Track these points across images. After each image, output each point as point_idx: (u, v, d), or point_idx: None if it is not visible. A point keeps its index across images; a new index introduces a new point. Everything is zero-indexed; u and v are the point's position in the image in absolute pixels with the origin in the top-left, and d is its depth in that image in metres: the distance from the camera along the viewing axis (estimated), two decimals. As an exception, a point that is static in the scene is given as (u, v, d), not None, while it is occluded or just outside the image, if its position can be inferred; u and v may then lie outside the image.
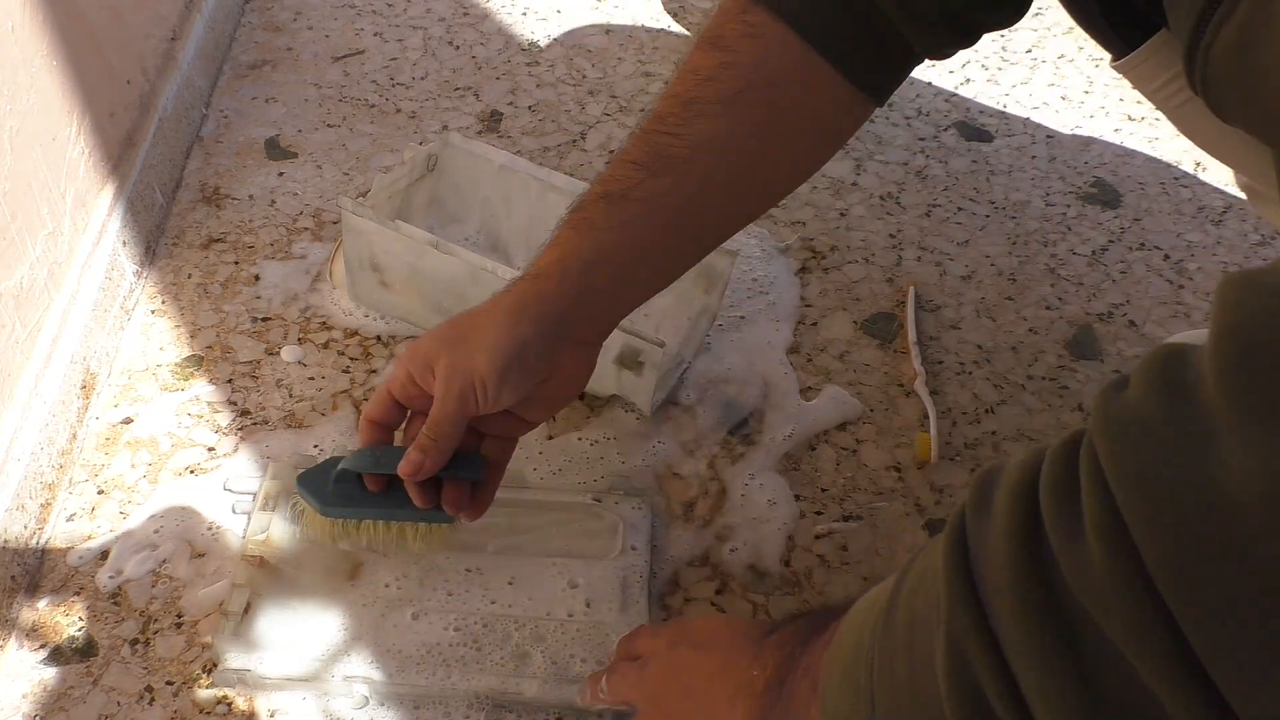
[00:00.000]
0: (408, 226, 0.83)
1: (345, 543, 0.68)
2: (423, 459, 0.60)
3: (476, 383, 0.59)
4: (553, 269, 0.60)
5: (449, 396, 0.59)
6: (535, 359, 0.60)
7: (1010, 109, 1.17)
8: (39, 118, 0.80)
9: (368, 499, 0.65)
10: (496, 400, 0.60)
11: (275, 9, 1.30)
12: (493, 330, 0.59)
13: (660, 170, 0.60)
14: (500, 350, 0.58)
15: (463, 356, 0.59)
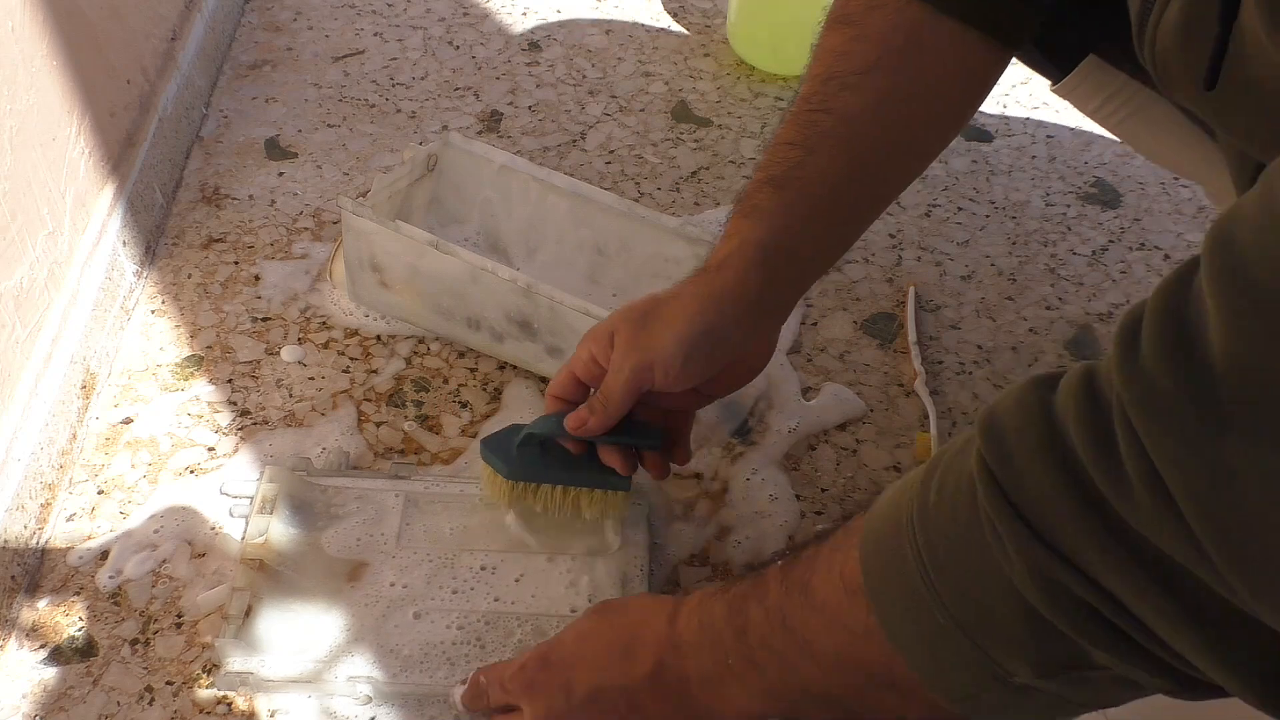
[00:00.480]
0: (408, 227, 0.83)
1: (519, 506, 0.72)
2: (589, 417, 0.64)
3: (658, 362, 0.62)
4: (734, 259, 0.63)
5: (624, 368, 0.62)
6: (721, 346, 0.63)
7: (1010, 109, 1.17)
8: (39, 118, 0.80)
9: (550, 465, 0.69)
10: (678, 381, 0.63)
11: (275, 9, 1.30)
12: (682, 316, 0.62)
13: (815, 147, 0.63)
14: (687, 336, 0.61)
15: (646, 335, 0.62)
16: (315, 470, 0.78)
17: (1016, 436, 0.37)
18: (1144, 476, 0.33)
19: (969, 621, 0.40)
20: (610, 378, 0.64)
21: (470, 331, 0.88)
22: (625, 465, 0.67)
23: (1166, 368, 0.33)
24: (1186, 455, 0.32)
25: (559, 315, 0.81)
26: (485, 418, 0.84)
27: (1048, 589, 0.36)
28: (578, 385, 0.67)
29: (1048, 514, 0.36)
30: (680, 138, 1.13)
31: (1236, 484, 0.31)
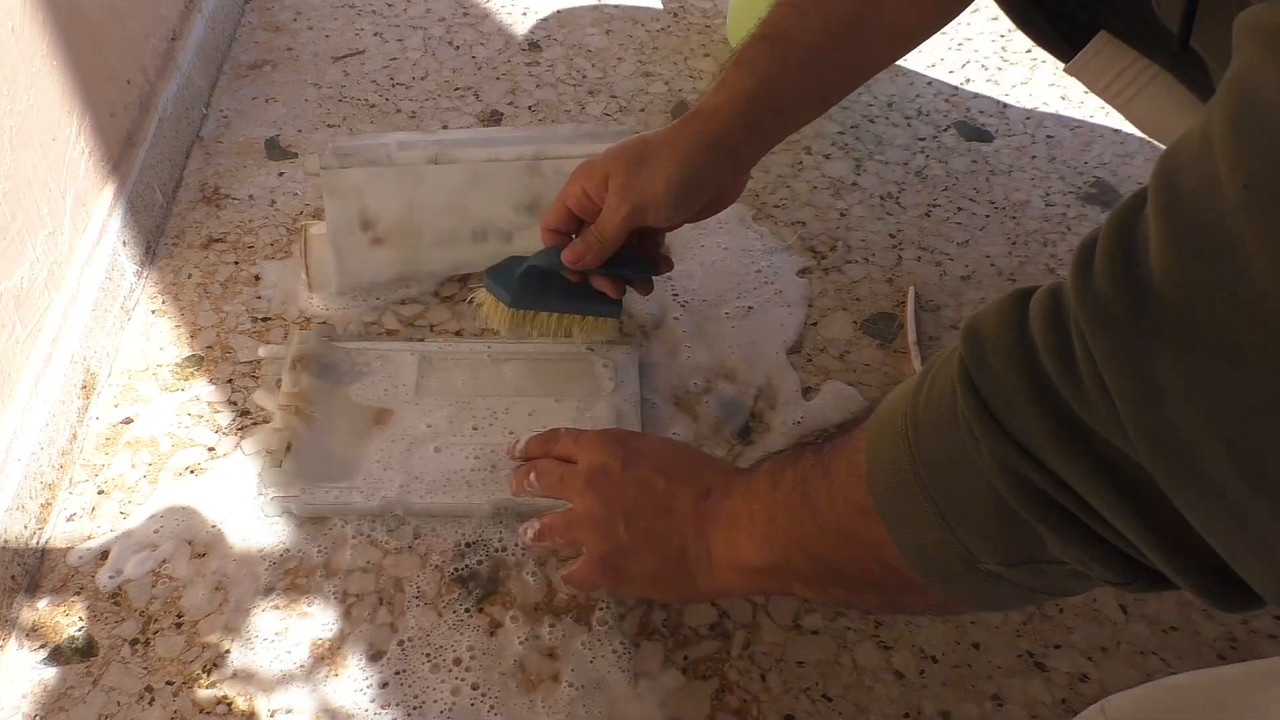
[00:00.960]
0: (400, 155, 0.86)
1: (518, 331, 0.80)
2: (585, 252, 0.71)
3: (651, 202, 0.68)
4: (723, 108, 0.68)
5: (620, 208, 0.68)
6: (705, 187, 0.69)
7: (1010, 109, 1.17)
8: (39, 118, 0.80)
9: (548, 294, 0.76)
10: (668, 220, 0.70)
11: (275, 9, 1.30)
12: (673, 159, 0.67)
13: (810, 9, 0.68)
14: (678, 177, 0.67)
15: (640, 178, 0.68)
16: (338, 335, 0.87)
17: (992, 344, 0.41)
18: (1095, 382, 0.36)
19: (947, 510, 0.44)
20: (606, 217, 0.69)
21: (475, 246, 0.90)
22: (617, 290, 0.76)
23: (1112, 284, 0.36)
24: (1123, 365, 0.35)
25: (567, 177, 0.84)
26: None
27: (1015, 482, 0.40)
28: (570, 217, 0.72)
29: (1016, 414, 0.39)
30: (680, 138, 1.13)
31: (1164, 395, 0.34)
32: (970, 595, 0.47)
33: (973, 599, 0.47)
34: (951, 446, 0.43)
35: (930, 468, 0.44)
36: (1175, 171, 0.35)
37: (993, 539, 0.43)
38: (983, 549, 0.44)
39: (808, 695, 0.68)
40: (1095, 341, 0.36)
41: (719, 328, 0.91)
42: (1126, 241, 0.36)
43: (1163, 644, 0.71)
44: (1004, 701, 0.68)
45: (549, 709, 0.67)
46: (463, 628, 0.71)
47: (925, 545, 0.46)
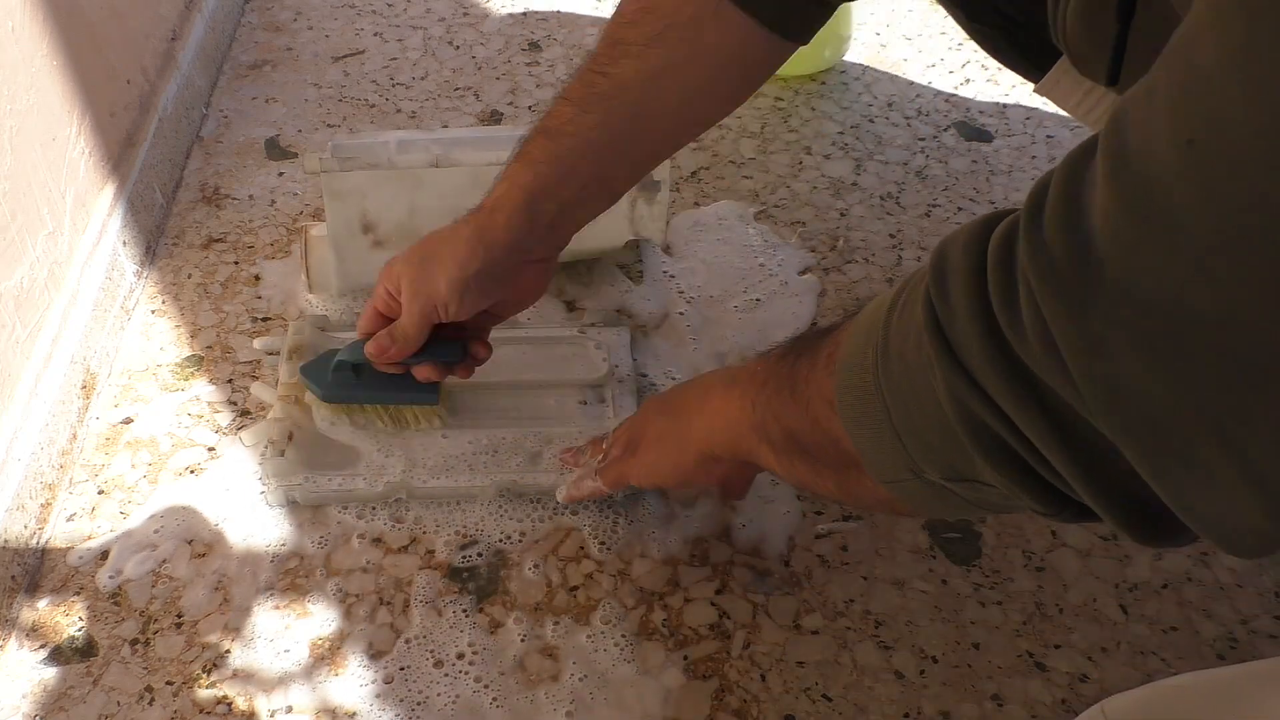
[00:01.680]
0: (401, 158, 0.86)
1: (353, 422, 0.79)
2: (388, 346, 0.71)
3: (438, 302, 0.69)
4: (503, 202, 0.69)
5: (412, 310, 0.70)
6: (490, 282, 0.70)
7: (1010, 109, 1.17)
8: (39, 118, 0.80)
9: (362, 386, 0.76)
10: (456, 315, 0.70)
11: (275, 9, 1.30)
12: (452, 258, 0.68)
13: (590, 106, 0.68)
14: (458, 277, 0.68)
15: (425, 279, 0.69)
16: (332, 324, 0.88)
17: (954, 275, 0.42)
18: (1035, 328, 0.38)
19: (899, 421, 0.47)
20: (403, 318, 0.71)
21: None
22: (437, 374, 0.74)
23: (1058, 235, 0.37)
24: (1067, 317, 0.37)
25: None
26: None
27: (961, 409, 0.43)
28: (382, 320, 0.73)
29: (967, 347, 0.41)
30: (680, 138, 1.13)
31: (1106, 347, 0.36)
32: (913, 499, 0.50)
33: (915, 503, 0.51)
34: (911, 367, 0.45)
35: (890, 382, 0.47)
36: (1123, 124, 0.35)
37: (936, 455, 0.46)
38: (926, 461, 0.47)
39: (808, 695, 0.68)
40: (1041, 291, 0.37)
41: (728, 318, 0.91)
42: (1075, 189, 0.37)
43: (1163, 644, 0.71)
44: (1004, 701, 0.68)
45: (551, 701, 0.67)
46: (464, 626, 0.71)
47: (877, 448, 0.49)
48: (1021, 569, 0.75)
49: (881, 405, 0.47)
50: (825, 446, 0.54)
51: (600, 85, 0.68)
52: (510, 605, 0.72)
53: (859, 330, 0.51)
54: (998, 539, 0.77)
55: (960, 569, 0.75)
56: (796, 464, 0.58)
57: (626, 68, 0.67)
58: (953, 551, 0.76)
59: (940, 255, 0.44)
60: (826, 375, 0.52)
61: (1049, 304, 0.37)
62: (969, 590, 0.74)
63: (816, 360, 0.55)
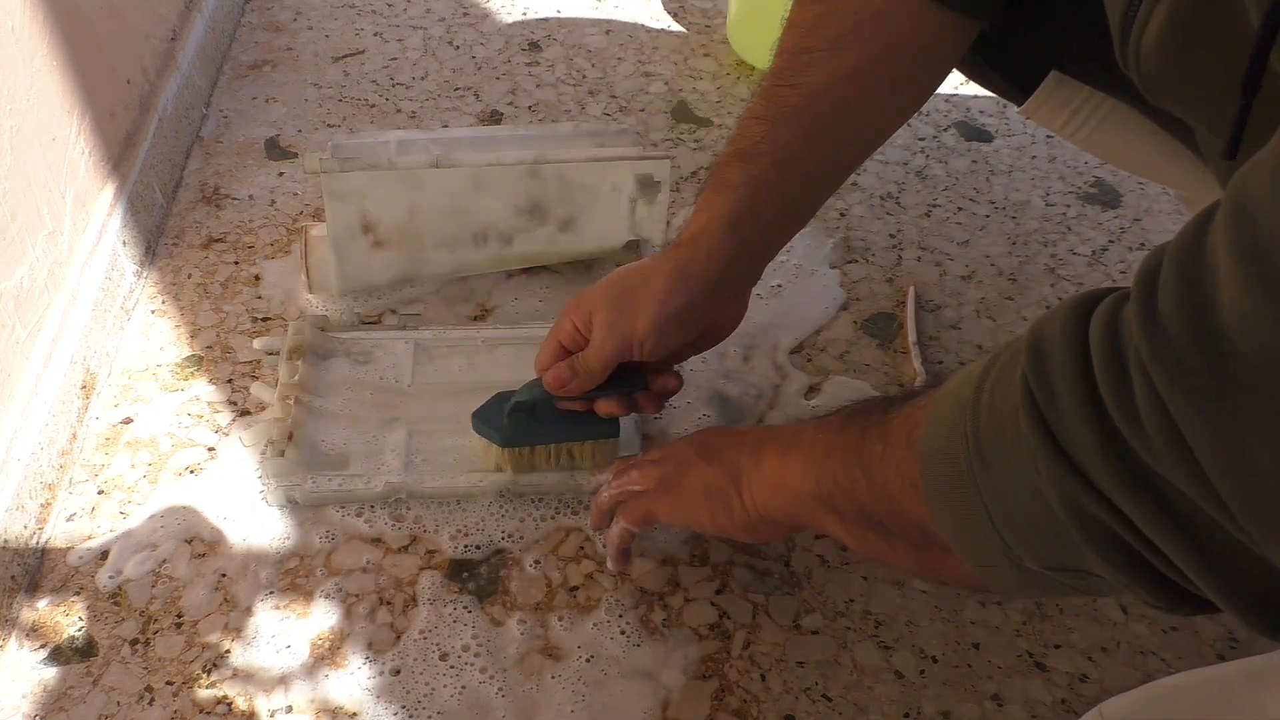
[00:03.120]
0: (401, 159, 0.86)
1: (522, 469, 0.76)
2: (569, 379, 0.69)
3: (635, 340, 0.67)
4: (702, 236, 0.67)
5: (604, 345, 0.68)
6: (690, 320, 0.68)
7: (1010, 109, 1.17)
8: (39, 118, 0.80)
9: (540, 427, 0.74)
10: (654, 355, 0.68)
11: (275, 9, 1.30)
12: (653, 295, 0.66)
13: (782, 121, 0.66)
14: (660, 315, 0.66)
15: (622, 315, 0.67)
16: (331, 325, 0.88)
17: (1056, 366, 0.40)
18: (1158, 424, 0.36)
19: (996, 512, 0.44)
20: (592, 353, 0.68)
21: (476, 249, 0.91)
22: (621, 409, 0.72)
23: (1181, 324, 0.35)
24: (1199, 413, 0.34)
25: (567, 181, 0.86)
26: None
27: (1074, 508, 0.40)
28: (563, 352, 0.70)
29: (1076, 441, 0.39)
30: (680, 138, 1.13)
31: (1248, 447, 0.33)
32: (1007, 583, 0.48)
33: (1008, 586, 0.48)
34: (1009, 458, 0.43)
35: (985, 471, 0.45)
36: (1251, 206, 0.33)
37: (1039, 547, 0.44)
38: (1028, 552, 0.44)
39: (808, 695, 0.68)
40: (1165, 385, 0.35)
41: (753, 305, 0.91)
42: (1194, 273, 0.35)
43: (1163, 644, 0.71)
44: (1004, 701, 0.68)
45: (555, 695, 0.67)
46: (465, 624, 0.71)
47: (969, 535, 0.47)
48: (1021, 569, 0.75)
49: (975, 495, 0.45)
50: (905, 527, 0.52)
51: (791, 98, 0.65)
52: (511, 605, 0.72)
53: (942, 411, 0.48)
54: (997, 539, 0.77)
55: (960, 569, 0.75)
56: (869, 537, 0.56)
57: (816, 75, 0.65)
58: (952, 551, 0.76)
59: (1036, 338, 0.42)
60: (907, 457, 0.50)
61: (1178, 400, 0.35)
62: (969, 590, 0.74)
63: (890, 438, 0.52)
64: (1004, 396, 0.44)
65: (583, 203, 0.90)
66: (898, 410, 0.53)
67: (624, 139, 0.93)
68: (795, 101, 0.65)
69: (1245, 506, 0.35)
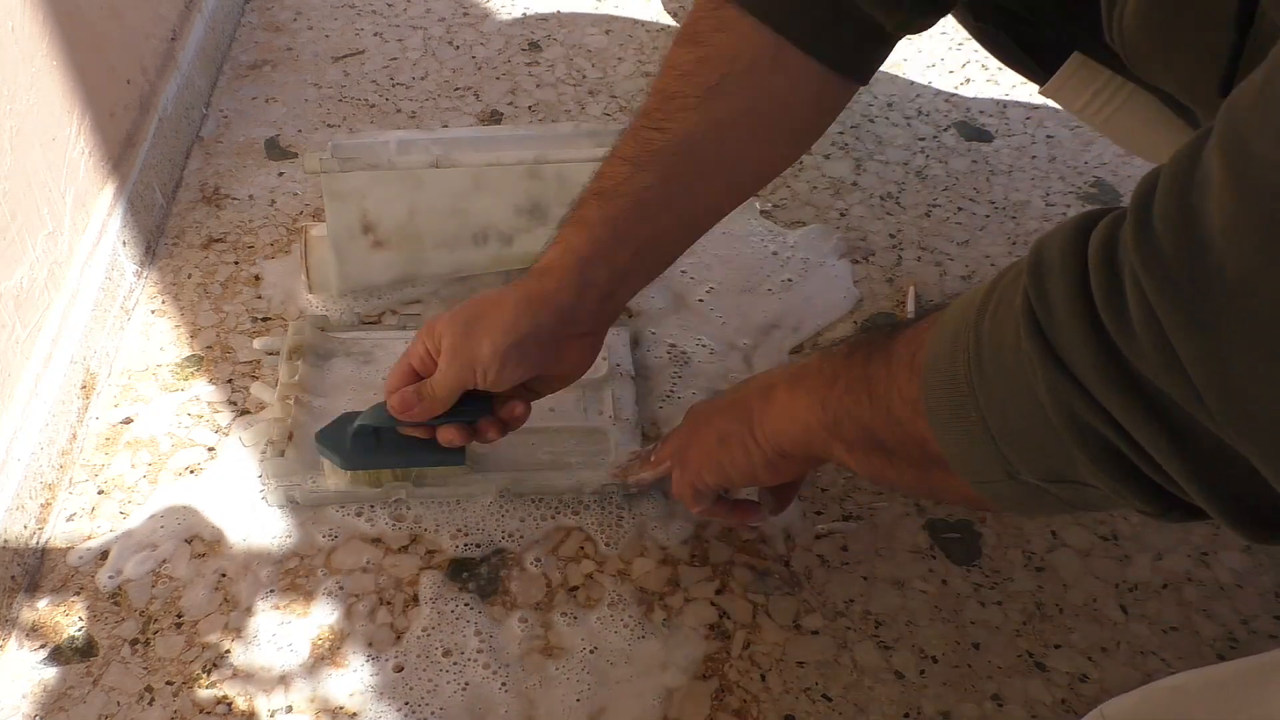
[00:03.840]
0: (401, 159, 0.86)
1: (369, 487, 0.76)
2: (414, 403, 0.68)
3: (478, 366, 0.65)
4: (554, 267, 0.65)
5: (448, 370, 0.66)
6: (536, 352, 0.66)
7: (1010, 109, 1.17)
8: (39, 118, 0.80)
9: (383, 450, 0.72)
10: (496, 383, 0.66)
11: (275, 9, 1.30)
12: (499, 322, 0.65)
13: (645, 164, 0.64)
14: (503, 344, 0.64)
15: (467, 340, 0.65)
16: (331, 325, 0.88)
17: (1054, 279, 0.41)
18: (1150, 333, 0.37)
19: (995, 425, 0.45)
20: (437, 377, 0.67)
21: (476, 248, 0.91)
22: (461, 437, 0.70)
23: (1172, 237, 0.36)
24: (1186, 323, 0.35)
25: (567, 181, 0.85)
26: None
27: (1069, 416, 0.41)
28: (414, 376, 0.69)
29: (1071, 349, 0.40)
30: (680, 138, 1.13)
31: (1230, 355, 0.35)
32: (1005, 498, 0.49)
33: (1006, 502, 0.49)
34: (1009, 370, 0.44)
35: (985, 384, 0.46)
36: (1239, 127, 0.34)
37: (1035, 457, 0.45)
38: (1023, 463, 0.45)
39: (808, 695, 0.68)
40: (1157, 297, 0.36)
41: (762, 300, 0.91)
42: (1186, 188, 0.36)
43: (1163, 644, 0.71)
44: (1004, 701, 0.68)
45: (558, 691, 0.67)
46: (466, 624, 0.71)
47: (968, 449, 0.48)
48: (1021, 569, 0.75)
49: (975, 409, 0.46)
50: (908, 446, 0.52)
51: (656, 141, 0.65)
52: (511, 605, 0.72)
53: (944, 332, 0.49)
54: (998, 539, 0.77)
55: (960, 569, 0.75)
56: (874, 459, 0.56)
57: (684, 121, 0.64)
58: (953, 551, 0.76)
59: (1037, 255, 0.43)
60: (909, 377, 0.51)
61: (1166, 310, 0.36)
62: (969, 590, 0.74)
63: (893, 361, 0.53)
64: (1006, 312, 0.45)
65: None
66: (901, 333, 0.54)
67: None
68: (659, 145, 0.64)
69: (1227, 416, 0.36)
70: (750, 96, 0.64)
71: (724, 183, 0.68)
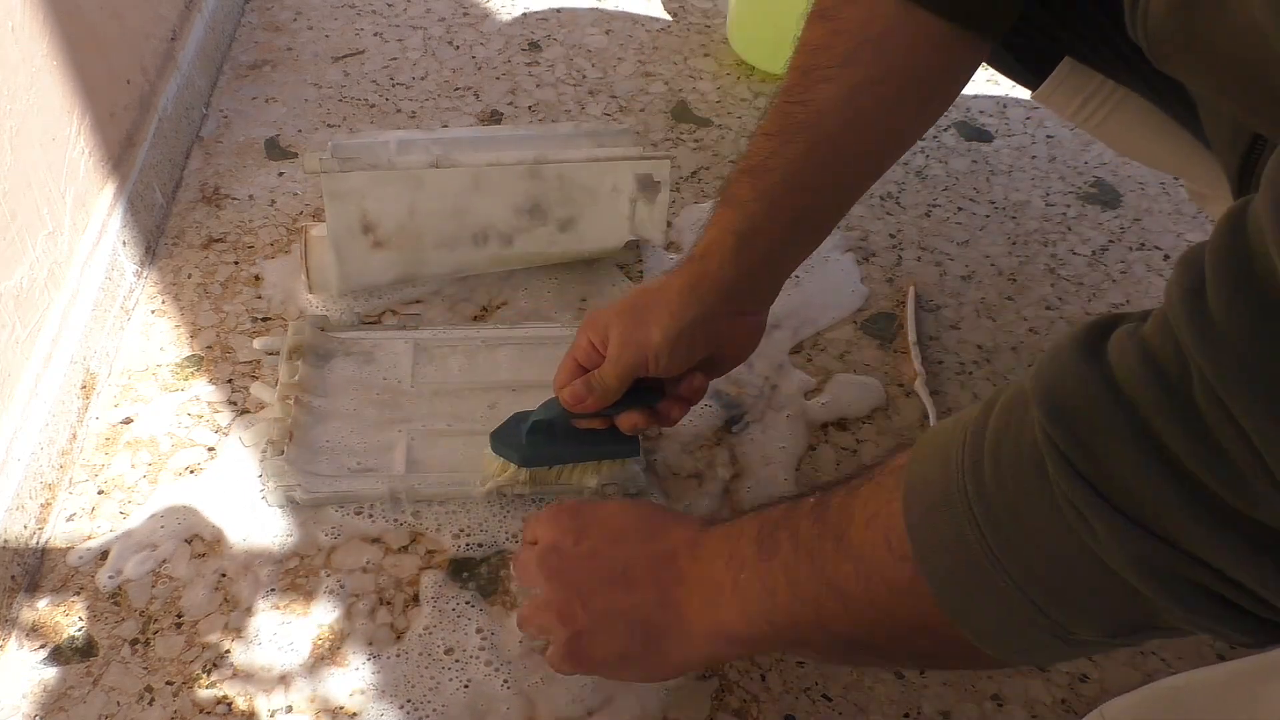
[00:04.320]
0: (400, 159, 0.86)
1: (538, 486, 0.76)
2: (586, 395, 0.69)
3: (649, 354, 0.67)
4: (713, 248, 0.67)
5: (619, 360, 0.68)
6: (704, 334, 0.68)
7: (1010, 109, 1.17)
8: (39, 118, 0.80)
9: (558, 444, 0.74)
10: (668, 369, 0.68)
11: (275, 9, 1.30)
12: (666, 309, 0.67)
13: (790, 138, 0.66)
14: (673, 328, 0.67)
15: (636, 329, 0.67)
16: (332, 325, 0.88)
17: (1086, 420, 0.36)
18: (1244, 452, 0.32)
19: (1038, 594, 0.40)
20: (607, 368, 0.69)
21: (476, 249, 0.91)
22: (645, 420, 0.72)
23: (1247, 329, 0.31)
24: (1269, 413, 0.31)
25: (567, 181, 0.86)
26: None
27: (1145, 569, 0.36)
28: (579, 370, 0.71)
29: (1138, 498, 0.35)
30: (680, 138, 1.13)
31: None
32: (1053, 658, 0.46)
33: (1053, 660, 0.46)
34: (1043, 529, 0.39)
35: (1012, 552, 0.40)
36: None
37: (1098, 617, 0.40)
38: (1081, 624, 0.40)
39: (808, 695, 0.68)
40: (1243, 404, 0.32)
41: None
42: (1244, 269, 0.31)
43: (1163, 644, 0.71)
44: (1004, 701, 0.68)
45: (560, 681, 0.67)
46: (466, 623, 0.71)
47: (1003, 626, 0.42)
48: (1021, 569, 0.75)
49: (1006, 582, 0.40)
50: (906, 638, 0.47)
51: (799, 115, 0.66)
52: (511, 605, 0.72)
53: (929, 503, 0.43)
54: (997, 539, 0.77)
55: (960, 569, 0.75)
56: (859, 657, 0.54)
57: (823, 93, 0.65)
58: (952, 551, 0.76)
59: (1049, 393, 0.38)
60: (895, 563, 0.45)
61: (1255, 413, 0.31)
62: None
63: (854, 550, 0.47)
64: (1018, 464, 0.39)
65: (583, 203, 0.90)
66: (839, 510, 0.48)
67: (624, 139, 0.93)
68: (803, 118, 0.66)
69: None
70: (884, 64, 0.65)
71: (867, 150, 0.69)
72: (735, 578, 0.53)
